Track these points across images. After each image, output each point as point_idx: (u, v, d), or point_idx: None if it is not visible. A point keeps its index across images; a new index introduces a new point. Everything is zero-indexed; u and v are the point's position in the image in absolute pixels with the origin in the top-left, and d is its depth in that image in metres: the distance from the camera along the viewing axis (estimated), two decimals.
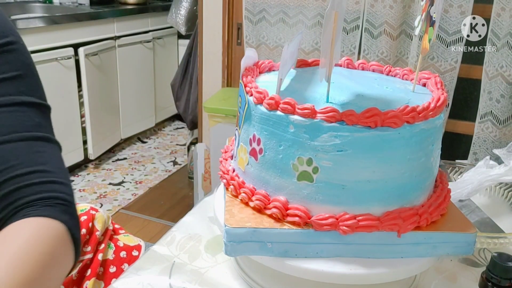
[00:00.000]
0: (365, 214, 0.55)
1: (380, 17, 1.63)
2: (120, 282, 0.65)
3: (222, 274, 0.67)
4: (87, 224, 0.82)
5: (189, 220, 0.80)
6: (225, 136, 0.88)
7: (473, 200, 0.83)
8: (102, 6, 2.82)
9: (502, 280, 0.49)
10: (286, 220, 0.57)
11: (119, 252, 0.84)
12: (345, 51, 1.73)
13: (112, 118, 2.81)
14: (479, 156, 1.60)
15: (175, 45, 3.32)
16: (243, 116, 0.62)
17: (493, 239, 0.69)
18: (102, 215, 0.85)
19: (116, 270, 0.82)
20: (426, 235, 0.57)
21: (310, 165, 0.55)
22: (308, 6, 1.73)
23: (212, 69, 2.04)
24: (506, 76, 1.50)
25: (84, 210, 0.84)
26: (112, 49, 2.71)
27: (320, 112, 0.53)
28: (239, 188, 0.62)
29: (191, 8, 2.42)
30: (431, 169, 0.60)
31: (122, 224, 0.97)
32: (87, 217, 0.82)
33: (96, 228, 0.83)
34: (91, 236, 0.82)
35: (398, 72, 0.73)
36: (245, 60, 0.67)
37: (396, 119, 0.53)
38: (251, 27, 1.85)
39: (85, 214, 0.83)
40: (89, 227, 0.82)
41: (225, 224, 0.56)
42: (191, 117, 2.40)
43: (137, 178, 2.67)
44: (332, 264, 0.55)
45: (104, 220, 0.85)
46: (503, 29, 1.47)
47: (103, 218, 0.85)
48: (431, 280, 0.67)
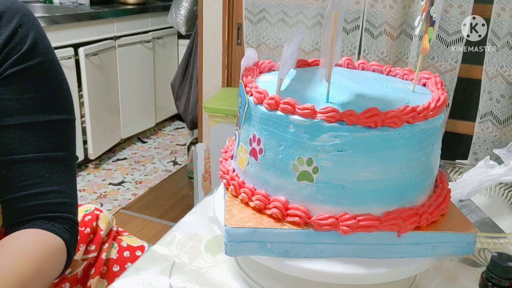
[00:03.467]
0: (365, 214, 0.55)
1: (380, 17, 1.63)
2: (120, 282, 0.65)
3: (222, 274, 0.67)
4: (91, 224, 0.82)
5: (189, 220, 0.80)
6: (225, 136, 0.88)
7: (473, 200, 0.83)
8: (102, 6, 2.82)
9: (502, 280, 0.49)
10: (286, 220, 0.57)
11: (122, 252, 0.84)
12: (345, 51, 1.73)
13: (112, 118, 2.81)
14: (479, 156, 1.60)
15: (175, 45, 3.32)
16: (243, 116, 0.62)
17: (493, 239, 0.69)
18: (106, 215, 0.86)
19: (119, 269, 0.82)
20: (426, 235, 0.57)
21: (310, 165, 0.55)
22: (308, 6, 1.73)
23: (212, 69, 2.04)
24: (506, 76, 1.50)
25: (88, 210, 0.85)
26: (112, 49, 2.71)
27: (320, 112, 0.53)
28: (239, 188, 0.62)
29: (191, 8, 2.42)
30: (431, 169, 0.60)
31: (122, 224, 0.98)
32: (92, 217, 0.83)
33: (100, 227, 0.83)
34: (95, 235, 0.82)
35: (398, 72, 0.73)
36: (245, 60, 0.67)
37: (396, 119, 0.53)
38: (251, 27, 1.85)
39: (89, 214, 0.84)
40: (93, 226, 0.82)
41: (225, 224, 0.56)
42: (191, 117, 2.40)
43: (137, 178, 2.67)
44: (332, 264, 0.55)
45: (108, 220, 0.85)
46: (503, 29, 1.47)
47: (107, 219, 0.85)
48: (431, 280, 0.67)
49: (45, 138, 0.62)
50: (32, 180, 0.60)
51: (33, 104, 0.61)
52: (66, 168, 0.64)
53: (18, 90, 0.60)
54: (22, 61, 0.60)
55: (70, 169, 0.64)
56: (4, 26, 0.59)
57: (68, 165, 0.64)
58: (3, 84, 0.59)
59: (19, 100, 0.60)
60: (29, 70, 0.61)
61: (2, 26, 0.59)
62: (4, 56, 0.59)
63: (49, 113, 0.63)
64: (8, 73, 0.59)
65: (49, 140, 0.62)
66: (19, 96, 0.60)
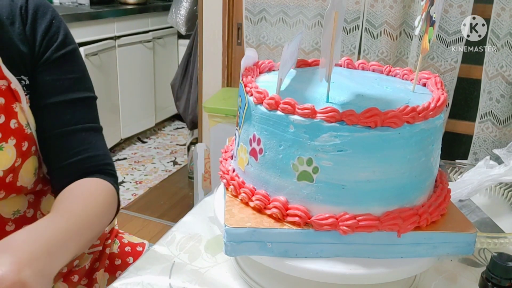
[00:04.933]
0: (365, 214, 0.55)
1: (380, 17, 1.63)
2: (120, 282, 0.65)
3: (222, 274, 0.67)
4: None
5: (189, 220, 0.80)
6: (225, 136, 0.88)
7: (473, 200, 0.83)
8: (102, 6, 2.82)
9: (502, 280, 0.49)
10: (286, 220, 0.57)
11: (124, 247, 0.87)
12: (345, 51, 1.73)
13: (112, 117, 2.81)
14: (479, 156, 1.60)
15: (175, 45, 3.32)
16: (243, 116, 0.62)
17: (493, 239, 0.69)
18: None
19: (121, 262, 0.85)
20: (426, 235, 0.57)
21: (310, 165, 0.55)
22: (308, 6, 1.73)
23: (212, 69, 2.04)
24: (506, 76, 1.50)
25: None
26: (112, 49, 2.71)
27: (320, 112, 0.53)
28: (239, 188, 0.62)
29: (191, 8, 2.42)
30: (431, 169, 0.60)
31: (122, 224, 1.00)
32: None
33: None
34: None
35: (398, 72, 0.73)
36: (245, 60, 0.67)
37: (396, 119, 0.53)
38: (251, 27, 1.85)
39: None
40: None
41: (225, 224, 0.56)
42: (191, 117, 2.40)
43: (137, 178, 2.67)
44: (332, 264, 0.55)
45: None
46: (503, 29, 1.47)
47: None
48: (431, 280, 0.67)
49: (87, 112, 0.74)
50: (83, 146, 0.72)
51: (74, 84, 0.73)
52: (102, 137, 0.76)
53: (63, 71, 0.72)
54: (61, 47, 0.71)
55: (103, 138, 0.77)
56: (41, 17, 0.70)
57: (102, 134, 0.77)
58: (51, 67, 0.71)
59: (64, 80, 0.72)
60: (67, 56, 0.72)
61: (40, 17, 0.70)
62: (46, 43, 0.70)
63: (85, 91, 0.74)
64: (53, 57, 0.71)
65: (90, 113, 0.75)
66: (64, 77, 0.72)
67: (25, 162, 0.68)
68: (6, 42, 0.66)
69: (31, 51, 0.69)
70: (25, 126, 0.67)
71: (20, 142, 0.67)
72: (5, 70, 0.65)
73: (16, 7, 0.68)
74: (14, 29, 0.68)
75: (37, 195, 0.76)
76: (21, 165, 0.68)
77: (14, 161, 0.66)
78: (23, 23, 0.68)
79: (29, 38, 0.69)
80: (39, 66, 0.70)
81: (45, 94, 0.70)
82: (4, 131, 0.64)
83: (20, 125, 0.67)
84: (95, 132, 0.74)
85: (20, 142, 0.67)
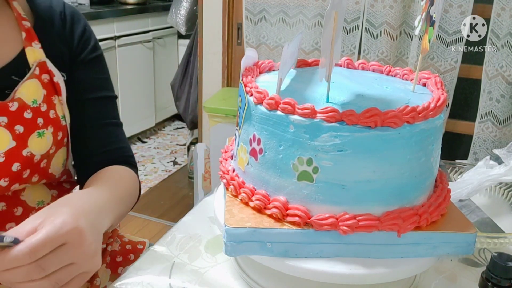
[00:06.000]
0: (365, 214, 0.55)
1: (380, 17, 1.63)
2: (120, 282, 0.65)
3: (222, 274, 0.67)
4: None
5: (189, 220, 0.80)
6: (225, 136, 0.88)
7: (473, 200, 0.83)
8: (102, 6, 2.82)
9: (502, 280, 0.49)
10: (286, 220, 0.57)
11: (124, 245, 0.89)
12: (345, 51, 1.73)
13: None
14: (479, 156, 1.60)
15: (175, 45, 3.32)
16: (243, 116, 0.62)
17: (493, 239, 0.69)
18: None
19: (122, 259, 0.86)
20: (426, 235, 0.57)
21: (310, 165, 0.55)
22: (308, 6, 1.74)
23: (212, 69, 2.04)
24: (506, 76, 1.50)
25: None
26: (112, 49, 2.71)
27: (320, 112, 0.53)
28: (239, 188, 0.62)
29: (191, 8, 2.42)
30: (431, 169, 0.60)
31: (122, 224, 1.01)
32: None
33: None
34: None
35: (398, 72, 0.73)
36: (245, 60, 0.67)
37: (396, 119, 0.53)
38: (251, 27, 1.85)
39: None
40: None
41: (225, 224, 0.56)
42: (191, 117, 2.40)
43: None
44: (332, 264, 0.55)
45: None
46: (503, 29, 1.47)
47: None
48: (431, 280, 0.67)
49: (113, 108, 0.84)
50: (111, 139, 0.81)
51: (104, 83, 0.83)
52: (123, 131, 0.86)
53: (94, 71, 0.81)
54: (94, 51, 0.81)
55: (124, 133, 0.86)
56: (77, 22, 0.79)
57: (123, 129, 0.86)
58: (86, 66, 0.79)
59: (96, 79, 0.81)
60: (98, 58, 0.82)
61: (76, 22, 0.79)
62: (82, 45, 0.79)
63: (111, 90, 0.84)
64: (88, 58, 0.80)
65: (114, 110, 0.84)
66: (96, 76, 0.81)
67: (58, 151, 0.75)
68: (49, 41, 0.75)
69: (69, 50, 0.77)
70: (61, 118, 0.74)
71: (57, 132, 0.73)
72: (49, 64, 0.73)
73: (55, 12, 0.77)
74: (54, 30, 0.76)
75: (60, 192, 0.82)
76: (54, 153, 0.74)
77: (49, 148, 0.72)
78: (63, 26, 0.77)
79: (68, 39, 0.77)
80: (75, 65, 0.78)
81: (81, 90, 0.78)
82: (46, 119, 0.71)
83: (57, 116, 0.73)
84: (118, 127, 0.84)
85: (56, 131, 0.73)
